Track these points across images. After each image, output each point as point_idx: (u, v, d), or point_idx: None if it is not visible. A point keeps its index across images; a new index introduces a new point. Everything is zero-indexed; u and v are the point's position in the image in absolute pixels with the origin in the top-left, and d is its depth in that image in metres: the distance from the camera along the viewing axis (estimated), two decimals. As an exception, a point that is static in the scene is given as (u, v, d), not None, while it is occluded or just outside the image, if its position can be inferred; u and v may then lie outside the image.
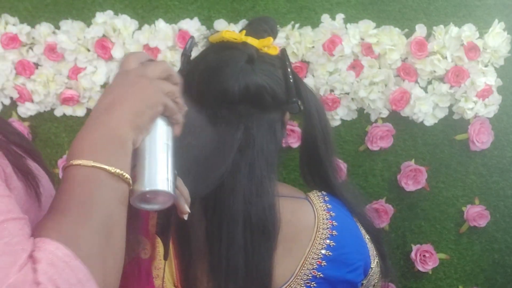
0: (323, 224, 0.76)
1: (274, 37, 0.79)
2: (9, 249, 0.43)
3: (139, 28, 1.33)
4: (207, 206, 0.74)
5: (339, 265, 0.75)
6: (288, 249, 0.75)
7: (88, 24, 1.33)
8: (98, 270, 0.47)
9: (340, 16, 1.32)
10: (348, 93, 1.33)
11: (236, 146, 0.72)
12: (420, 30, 1.30)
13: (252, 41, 0.74)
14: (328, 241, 0.75)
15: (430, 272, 1.39)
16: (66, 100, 1.34)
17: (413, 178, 1.35)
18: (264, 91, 0.73)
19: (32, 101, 1.35)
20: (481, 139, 1.34)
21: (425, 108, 1.31)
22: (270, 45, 0.75)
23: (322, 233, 0.75)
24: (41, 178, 0.61)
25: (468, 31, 1.29)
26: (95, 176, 0.50)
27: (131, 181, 0.53)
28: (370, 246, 0.81)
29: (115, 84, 0.59)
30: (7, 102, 1.36)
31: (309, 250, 0.75)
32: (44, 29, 1.33)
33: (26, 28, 1.33)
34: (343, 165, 1.35)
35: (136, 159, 0.56)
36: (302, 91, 0.79)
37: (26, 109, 1.36)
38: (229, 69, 0.73)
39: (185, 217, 0.62)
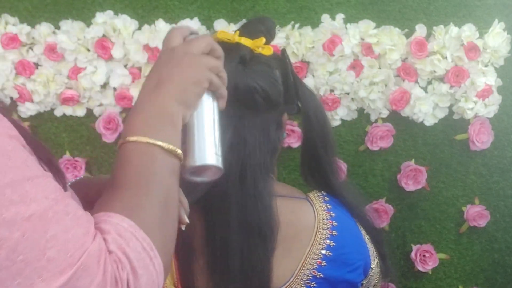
0: (323, 224, 0.76)
1: (271, 37, 0.79)
2: (78, 222, 0.45)
3: (139, 28, 1.33)
4: (204, 207, 0.74)
5: (339, 265, 0.75)
6: (288, 249, 0.75)
7: (88, 24, 1.33)
8: (159, 239, 0.49)
9: (340, 16, 1.32)
10: (348, 93, 1.33)
11: (225, 146, 0.72)
12: (420, 30, 1.30)
13: (245, 41, 0.74)
14: (328, 241, 0.75)
15: (430, 272, 1.39)
16: (66, 100, 1.34)
17: (413, 178, 1.35)
18: (255, 92, 0.73)
19: (32, 101, 1.35)
20: (481, 139, 1.34)
21: (425, 108, 1.31)
22: (263, 46, 0.74)
23: (322, 233, 0.75)
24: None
25: (468, 31, 1.29)
26: (150, 151, 0.52)
27: (182, 156, 0.55)
28: (370, 247, 0.81)
29: (161, 62, 0.60)
30: (7, 102, 1.36)
31: (309, 250, 0.74)
32: (44, 29, 1.33)
33: (26, 28, 1.33)
34: (343, 165, 1.36)
35: (185, 134, 0.58)
36: (300, 92, 0.79)
37: (26, 109, 1.36)
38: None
39: (183, 227, 0.63)
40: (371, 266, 0.80)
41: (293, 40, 1.31)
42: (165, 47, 0.63)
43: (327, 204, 0.79)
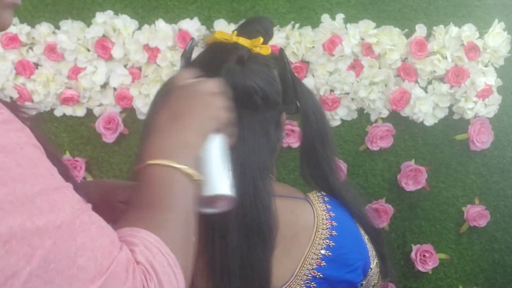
0: (323, 224, 0.76)
1: (269, 37, 0.79)
2: (104, 231, 0.45)
3: (139, 28, 1.33)
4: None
5: (338, 265, 0.75)
6: (288, 249, 0.74)
7: (88, 24, 1.33)
8: (182, 257, 0.51)
9: (340, 16, 1.32)
10: (348, 93, 1.33)
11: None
12: (420, 30, 1.30)
13: (243, 41, 0.74)
14: (327, 241, 0.75)
15: (430, 272, 1.39)
16: (66, 100, 1.34)
17: (413, 178, 1.35)
18: (253, 92, 0.73)
19: (32, 101, 1.35)
20: (481, 139, 1.34)
21: (425, 108, 1.31)
22: (261, 45, 0.75)
23: (321, 233, 0.75)
24: None
25: (468, 31, 1.29)
26: (171, 174, 0.55)
27: (200, 182, 0.58)
28: (370, 247, 0.81)
29: (177, 98, 0.64)
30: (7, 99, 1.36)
31: (308, 250, 0.74)
32: (44, 29, 1.33)
33: (26, 28, 1.33)
34: (343, 165, 1.36)
35: (199, 165, 0.61)
36: (299, 91, 0.79)
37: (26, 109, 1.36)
38: (217, 70, 0.73)
39: None
40: (371, 267, 0.80)
41: (293, 40, 1.31)
42: (177, 85, 0.66)
43: (327, 204, 0.79)
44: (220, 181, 0.62)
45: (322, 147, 0.80)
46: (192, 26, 1.32)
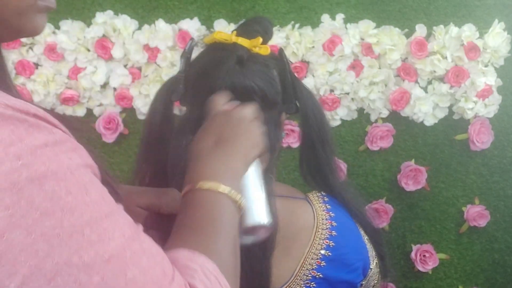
0: (323, 224, 0.76)
1: (268, 37, 0.78)
2: (155, 260, 0.43)
3: (139, 28, 1.33)
4: None
5: (338, 265, 0.75)
6: (287, 249, 0.74)
7: (88, 24, 1.33)
8: (233, 285, 0.50)
9: (340, 16, 1.32)
10: (348, 93, 1.33)
11: None
12: (420, 30, 1.30)
13: (242, 41, 0.74)
14: (327, 241, 0.75)
15: (430, 272, 1.39)
16: (66, 100, 1.34)
17: (413, 178, 1.35)
18: (252, 92, 0.72)
19: (32, 101, 1.35)
20: (481, 139, 1.34)
21: (425, 108, 1.31)
22: (260, 45, 0.74)
23: (321, 233, 0.75)
24: None
25: (468, 31, 1.29)
26: (221, 200, 0.54)
27: (244, 210, 0.58)
28: (370, 247, 0.81)
29: (218, 124, 0.64)
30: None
31: (308, 250, 0.74)
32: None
33: (26, 28, 1.33)
34: (343, 165, 1.35)
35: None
36: (298, 91, 0.79)
37: (26, 109, 1.36)
38: (217, 70, 0.74)
39: None
40: (370, 267, 0.80)
41: (293, 40, 1.31)
42: (216, 110, 0.67)
43: (327, 204, 0.79)
44: (260, 209, 0.62)
45: (322, 147, 0.80)
46: (192, 26, 1.32)
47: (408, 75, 1.32)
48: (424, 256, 1.37)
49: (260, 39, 0.74)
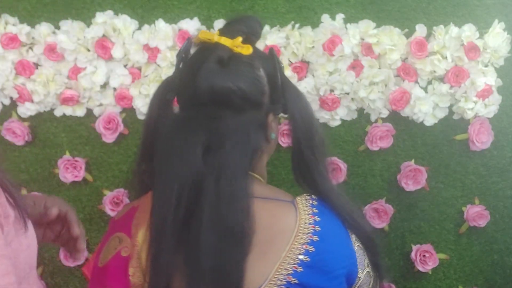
0: (304, 228, 0.73)
1: (256, 37, 0.77)
2: None
3: (139, 28, 1.33)
4: (179, 204, 0.73)
5: (316, 271, 0.72)
6: (263, 252, 0.72)
7: (88, 24, 1.33)
8: None
9: (340, 16, 1.32)
10: (348, 93, 1.33)
11: (200, 147, 0.71)
12: (420, 30, 1.30)
13: (225, 41, 0.73)
14: (307, 246, 0.72)
15: (430, 273, 1.39)
16: (66, 100, 1.34)
17: (412, 178, 1.35)
18: (231, 93, 0.72)
19: (32, 101, 1.35)
20: (481, 139, 1.34)
21: (425, 108, 1.31)
22: (243, 45, 0.73)
23: (301, 238, 0.72)
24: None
25: (468, 31, 1.29)
26: None
27: None
28: (361, 254, 0.78)
29: None
30: (7, 102, 1.36)
31: (285, 255, 0.72)
32: (44, 29, 1.33)
33: (26, 28, 1.33)
34: (343, 165, 1.36)
35: None
36: (286, 92, 0.77)
37: (26, 109, 1.36)
38: (198, 71, 0.73)
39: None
40: (359, 276, 0.77)
41: (293, 40, 1.31)
42: None
43: (314, 208, 0.76)
44: None
45: (310, 150, 0.78)
46: (192, 26, 1.32)
47: (408, 75, 1.31)
48: (424, 256, 1.37)
49: (240, 39, 0.73)
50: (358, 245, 0.78)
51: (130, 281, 0.75)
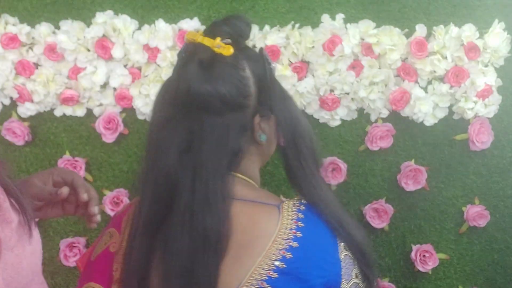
0: (284, 234, 0.70)
1: (240, 37, 0.75)
2: None
3: (139, 28, 1.33)
4: (154, 205, 0.73)
5: (292, 279, 0.69)
6: (239, 256, 0.70)
7: (88, 24, 1.33)
8: None
9: (340, 16, 1.32)
10: (348, 93, 1.33)
11: (177, 147, 0.71)
12: (420, 30, 1.30)
13: (207, 42, 0.72)
14: (284, 252, 0.69)
15: (430, 272, 1.39)
16: (66, 100, 1.34)
17: (413, 178, 1.35)
18: (209, 96, 0.71)
19: (32, 101, 1.35)
20: (481, 139, 1.34)
21: (425, 108, 1.31)
22: (224, 46, 0.71)
23: (279, 243, 0.70)
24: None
25: (468, 31, 1.29)
26: None
27: None
28: (348, 264, 0.73)
29: None
30: (7, 102, 1.36)
31: (260, 260, 0.69)
32: (44, 29, 1.33)
33: (26, 28, 1.33)
34: (343, 165, 1.36)
35: None
36: (273, 93, 0.75)
37: (26, 109, 1.36)
38: (179, 72, 0.74)
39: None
40: (342, 287, 0.72)
41: (293, 40, 1.31)
42: None
43: (300, 214, 0.72)
44: None
45: (295, 155, 0.76)
46: (192, 26, 1.32)
47: (408, 75, 1.31)
48: (424, 256, 1.37)
49: (219, 39, 0.72)
50: (346, 254, 0.74)
51: (114, 276, 0.76)
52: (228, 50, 0.72)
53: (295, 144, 0.76)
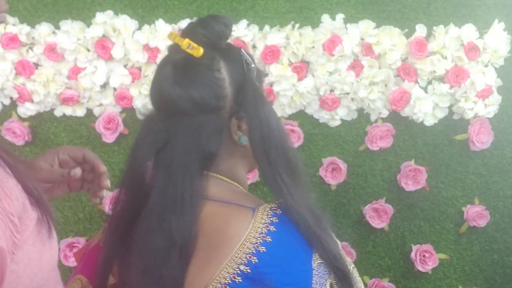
0: (253, 238, 0.68)
1: (216, 38, 0.73)
2: None
3: (139, 28, 1.33)
4: (128, 202, 0.74)
5: (256, 285, 0.66)
6: (208, 257, 0.68)
7: (88, 24, 1.33)
8: None
9: (340, 16, 1.32)
10: (348, 93, 1.33)
11: (151, 146, 0.72)
12: (420, 30, 1.30)
13: (181, 42, 0.71)
14: (251, 256, 0.67)
15: (430, 272, 1.39)
16: (66, 100, 1.34)
17: (413, 178, 1.35)
18: (179, 99, 0.70)
19: (32, 101, 1.35)
20: (481, 139, 1.34)
21: (425, 108, 1.31)
22: (195, 46, 0.70)
23: (247, 247, 0.68)
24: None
25: (468, 31, 1.29)
26: None
27: None
28: (321, 273, 0.70)
29: None
30: (7, 102, 1.36)
31: (226, 263, 0.67)
32: (44, 29, 1.33)
33: (26, 28, 1.33)
34: (343, 165, 1.36)
35: None
36: (249, 95, 0.73)
37: (26, 109, 1.36)
38: (156, 73, 0.74)
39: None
40: None
41: (293, 40, 1.31)
42: None
43: (275, 218, 0.70)
44: None
45: (265, 161, 0.73)
46: (192, 26, 1.32)
47: (408, 75, 1.31)
48: (424, 256, 1.37)
49: (186, 41, 0.70)
50: (320, 263, 0.70)
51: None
52: (198, 52, 0.71)
53: (263, 145, 0.73)
